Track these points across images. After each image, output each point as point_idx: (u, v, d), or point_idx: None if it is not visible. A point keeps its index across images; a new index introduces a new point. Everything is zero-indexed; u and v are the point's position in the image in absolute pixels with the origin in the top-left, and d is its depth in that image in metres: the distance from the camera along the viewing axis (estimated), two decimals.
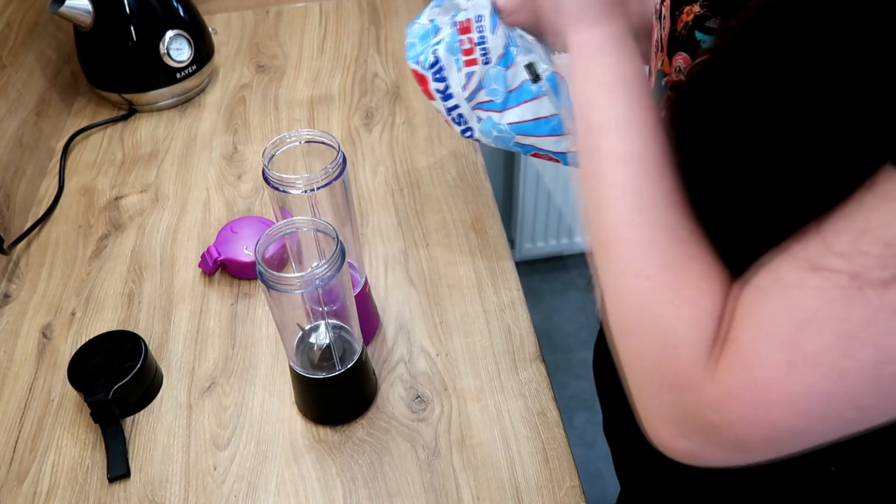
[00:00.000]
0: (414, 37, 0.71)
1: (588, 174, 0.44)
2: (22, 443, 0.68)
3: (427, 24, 0.70)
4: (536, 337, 0.72)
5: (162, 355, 0.74)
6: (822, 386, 0.33)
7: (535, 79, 0.68)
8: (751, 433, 0.35)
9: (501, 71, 0.68)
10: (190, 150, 0.99)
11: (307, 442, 0.66)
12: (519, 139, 0.72)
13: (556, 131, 0.70)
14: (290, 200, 0.59)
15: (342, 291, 0.58)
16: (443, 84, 0.70)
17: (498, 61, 0.68)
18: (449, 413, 0.66)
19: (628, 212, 0.41)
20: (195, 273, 0.82)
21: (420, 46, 0.70)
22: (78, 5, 0.96)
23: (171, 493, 0.63)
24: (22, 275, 0.84)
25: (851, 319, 0.31)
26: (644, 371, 0.41)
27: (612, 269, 0.42)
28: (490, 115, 0.71)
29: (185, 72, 1.04)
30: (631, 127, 0.42)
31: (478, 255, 0.80)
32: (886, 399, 0.32)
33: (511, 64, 0.68)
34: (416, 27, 0.71)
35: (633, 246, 0.41)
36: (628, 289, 0.41)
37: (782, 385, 0.33)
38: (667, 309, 0.39)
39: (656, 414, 0.40)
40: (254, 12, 1.26)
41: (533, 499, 0.60)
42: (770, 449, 0.36)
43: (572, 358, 1.76)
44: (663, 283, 0.39)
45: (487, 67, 0.68)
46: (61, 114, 1.05)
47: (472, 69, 0.68)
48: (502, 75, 0.69)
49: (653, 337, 0.39)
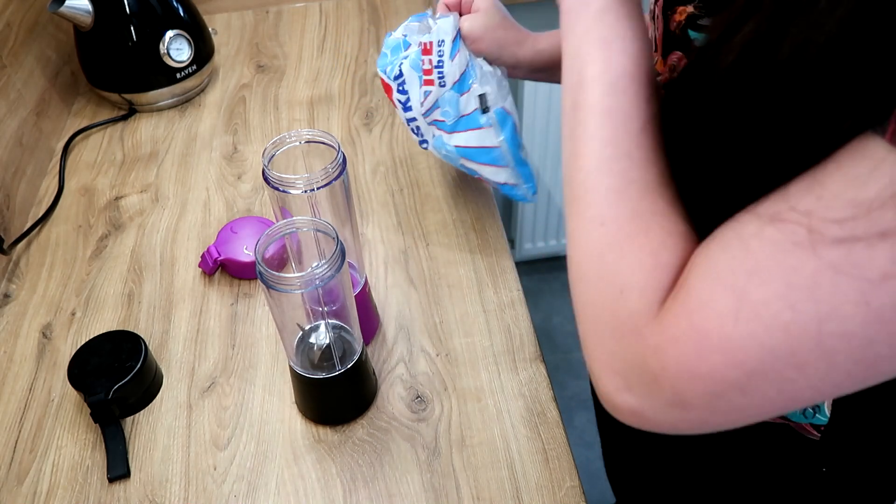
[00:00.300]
0: (387, 47, 0.75)
1: (571, 127, 0.44)
2: (22, 443, 0.68)
3: (399, 38, 0.74)
4: (536, 337, 0.72)
5: (162, 355, 0.74)
6: (763, 338, 0.32)
7: (484, 109, 0.71)
8: (689, 384, 0.35)
9: (455, 96, 0.71)
10: (190, 150, 0.99)
11: (307, 442, 0.66)
12: (464, 162, 0.75)
13: (495, 162, 0.74)
14: (290, 200, 0.59)
15: (342, 291, 0.58)
16: (404, 96, 0.73)
17: (453, 86, 0.71)
18: (449, 413, 0.66)
19: (603, 161, 0.41)
20: (195, 273, 0.82)
21: (390, 57, 0.74)
22: (78, 5, 0.96)
23: (171, 493, 0.63)
24: (22, 275, 0.84)
25: (801, 272, 0.32)
26: (593, 317, 0.40)
27: (577, 214, 0.42)
28: (441, 134, 0.74)
29: (185, 72, 1.04)
30: (620, 83, 0.42)
31: (478, 255, 0.80)
32: (828, 361, 0.32)
33: (466, 91, 0.71)
34: (391, 39, 0.75)
35: (600, 193, 0.41)
36: (588, 234, 0.41)
37: (724, 331, 0.33)
38: (623, 254, 0.39)
39: (602, 364, 0.40)
40: (254, 12, 1.26)
41: (533, 499, 0.60)
42: (709, 406, 0.35)
43: (572, 358, 1.76)
44: (625, 231, 0.39)
45: (443, 90, 0.71)
46: (61, 114, 1.05)
47: (430, 89, 0.72)
48: (455, 100, 0.71)
49: (606, 281, 0.39)
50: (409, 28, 0.75)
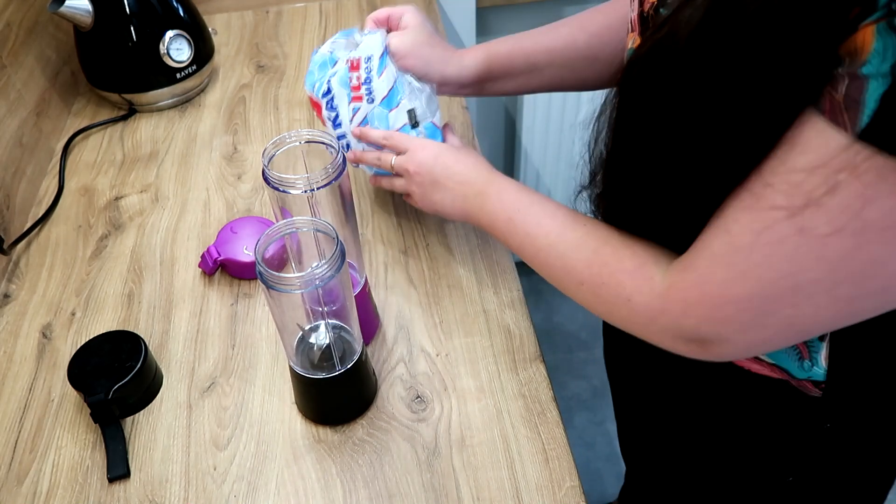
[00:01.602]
0: (314, 65, 0.76)
1: (537, 264, 0.60)
2: (22, 443, 0.68)
3: (326, 55, 0.75)
4: (536, 337, 0.72)
5: (162, 355, 0.74)
6: (757, 289, 0.42)
7: (414, 124, 0.72)
8: (722, 326, 0.46)
9: (384, 112, 0.72)
10: (190, 150, 0.99)
11: (307, 442, 0.66)
12: None
13: None
14: (290, 200, 0.59)
15: (342, 291, 0.58)
16: (333, 113, 0.74)
17: (381, 102, 0.71)
18: (449, 413, 0.66)
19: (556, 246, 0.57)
20: (195, 273, 0.82)
21: (317, 75, 0.75)
22: (78, 5, 0.96)
23: (171, 493, 0.63)
24: (22, 275, 0.84)
25: (776, 240, 0.40)
26: (629, 327, 0.53)
27: (566, 289, 0.58)
28: (371, 150, 0.75)
29: (185, 72, 1.04)
30: (554, 227, 0.58)
31: (478, 255, 0.80)
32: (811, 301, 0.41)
33: (395, 107, 0.72)
34: (318, 56, 0.76)
35: (565, 261, 0.56)
36: (579, 290, 0.56)
37: (729, 292, 0.44)
38: (611, 277, 0.52)
39: (665, 345, 0.51)
40: (254, 12, 1.26)
41: (533, 499, 0.60)
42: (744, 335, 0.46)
43: (572, 358, 1.76)
44: (597, 269, 0.54)
45: (372, 106, 0.72)
46: (61, 114, 1.05)
47: (358, 105, 0.72)
48: (384, 115, 0.72)
49: (613, 304, 0.53)
50: (336, 44, 0.75)
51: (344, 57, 0.73)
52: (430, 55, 0.71)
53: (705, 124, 0.42)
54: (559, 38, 0.70)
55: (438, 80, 0.72)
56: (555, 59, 0.71)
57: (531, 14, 1.44)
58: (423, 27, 0.71)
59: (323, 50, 0.76)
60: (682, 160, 0.45)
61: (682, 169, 0.45)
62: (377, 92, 0.71)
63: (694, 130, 0.42)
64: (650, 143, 0.46)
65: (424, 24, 0.72)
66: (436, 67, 0.71)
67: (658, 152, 0.46)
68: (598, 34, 0.69)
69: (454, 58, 0.72)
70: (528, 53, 0.71)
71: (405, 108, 0.71)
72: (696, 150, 0.43)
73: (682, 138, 0.44)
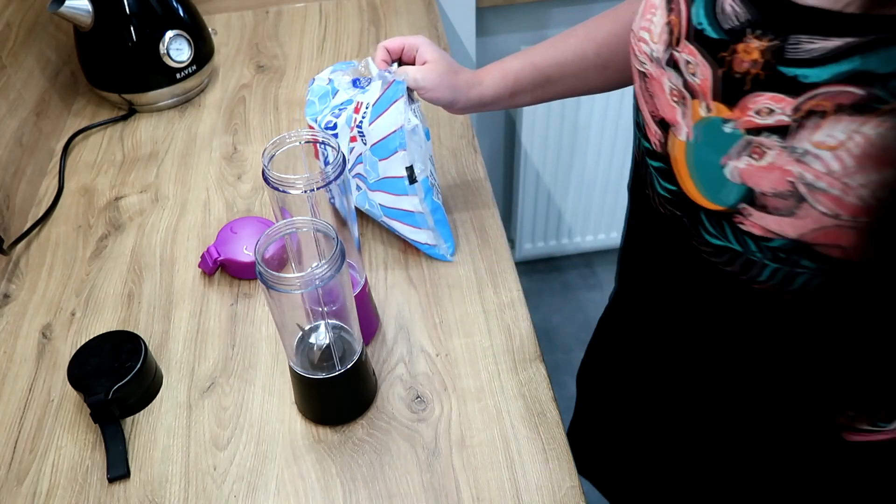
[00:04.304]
0: (314, 95, 0.77)
1: None
2: (22, 443, 0.68)
3: (326, 86, 0.76)
4: (536, 337, 0.72)
5: (162, 355, 0.74)
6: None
7: (411, 181, 0.73)
8: None
9: (374, 159, 0.73)
10: (190, 151, 0.99)
11: (307, 442, 0.66)
12: (385, 219, 0.78)
13: (416, 224, 0.77)
14: (290, 200, 0.59)
15: (342, 291, 0.58)
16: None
17: (372, 147, 0.73)
18: (449, 413, 0.66)
19: None
20: (195, 273, 0.82)
21: (319, 106, 0.76)
22: (78, 5, 0.96)
23: (170, 494, 0.63)
24: (22, 275, 0.84)
25: None
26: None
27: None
28: (365, 190, 0.77)
29: (184, 72, 1.04)
30: None
31: (478, 255, 0.80)
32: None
33: (387, 157, 0.72)
34: (316, 86, 0.77)
35: None
36: None
37: None
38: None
39: None
40: (254, 12, 1.26)
41: (533, 499, 0.60)
42: None
43: (572, 358, 1.76)
44: None
45: (365, 148, 0.73)
46: (61, 114, 1.05)
47: (354, 145, 0.74)
48: (374, 163, 0.74)
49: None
50: (335, 75, 0.76)
51: (346, 88, 0.74)
52: (457, 83, 0.71)
53: None
54: (569, 50, 0.70)
55: (464, 105, 0.73)
56: (566, 71, 0.71)
57: (531, 14, 1.44)
58: (443, 58, 0.72)
59: (321, 78, 0.77)
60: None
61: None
62: (367, 136, 0.72)
63: None
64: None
65: (443, 53, 0.72)
66: (462, 94, 0.72)
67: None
68: (607, 43, 0.69)
69: (474, 80, 0.72)
70: (541, 68, 0.71)
71: (404, 163, 0.72)
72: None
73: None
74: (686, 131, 0.48)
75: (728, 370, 0.60)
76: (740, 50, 0.43)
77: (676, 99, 0.49)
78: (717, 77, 0.45)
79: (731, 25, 0.43)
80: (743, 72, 0.43)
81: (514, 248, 1.84)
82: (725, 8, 0.43)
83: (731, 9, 0.43)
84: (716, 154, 0.46)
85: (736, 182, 0.45)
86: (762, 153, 0.43)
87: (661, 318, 0.64)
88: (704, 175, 0.48)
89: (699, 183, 0.49)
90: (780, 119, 0.41)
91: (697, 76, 0.46)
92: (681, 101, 0.48)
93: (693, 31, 0.46)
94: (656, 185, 0.54)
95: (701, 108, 0.47)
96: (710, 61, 0.45)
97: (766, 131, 0.42)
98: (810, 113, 0.40)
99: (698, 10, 0.45)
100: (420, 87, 0.70)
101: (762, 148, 0.43)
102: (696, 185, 0.49)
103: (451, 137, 0.96)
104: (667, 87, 0.49)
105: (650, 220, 0.58)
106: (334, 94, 0.75)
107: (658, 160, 0.53)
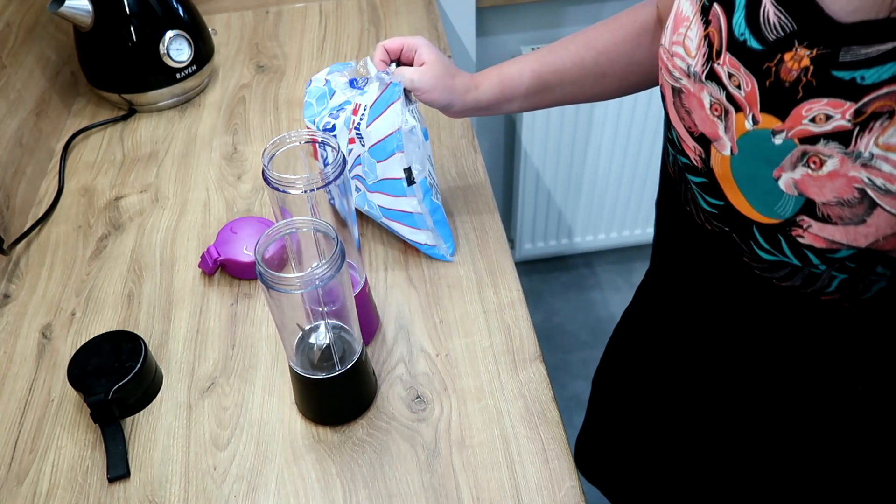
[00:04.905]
0: (311, 97, 0.76)
1: None
2: (22, 443, 0.68)
3: (323, 88, 0.76)
4: (536, 337, 0.72)
5: (162, 355, 0.74)
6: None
7: (409, 182, 0.73)
8: None
9: (373, 161, 0.73)
10: (190, 151, 0.99)
11: (307, 442, 0.66)
12: (385, 220, 0.79)
13: (415, 225, 0.77)
14: (290, 200, 0.59)
15: (342, 291, 0.58)
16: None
17: (370, 149, 0.72)
18: (449, 413, 0.66)
19: None
20: (195, 273, 0.82)
21: (316, 108, 0.76)
22: (78, 5, 0.96)
23: (170, 494, 0.63)
24: (22, 275, 0.84)
25: None
26: None
27: None
28: (364, 192, 0.77)
29: (184, 72, 1.04)
30: None
31: (478, 255, 0.80)
32: None
33: (384, 159, 0.72)
34: (314, 87, 0.77)
35: None
36: None
37: None
38: None
39: None
40: (254, 12, 1.26)
41: (533, 499, 0.60)
42: None
43: (572, 358, 1.76)
44: None
45: (363, 150, 0.73)
46: (61, 114, 1.05)
47: (352, 146, 0.74)
48: (373, 164, 0.73)
49: None
50: (332, 76, 0.76)
51: (343, 89, 0.74)
52: (453, 86, 0.71)
53: None
54: (567, 57, 0.70)
55: (460, 108, 0.72)
56: (564, 78, 0.70)
57: (531, 14, 1.44)
58: (440, 60, 0.71)
59: (318, 79, 0.76)
60: None
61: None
62: (367, 139, 0.72)
63: None
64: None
65: (441, 56, 0.72)
66: (458, 97, 0.71)
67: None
68: (606, 51, 0.68)
69: (471, 84, 0.72)
70: (539, 75, 0.71)
71: (402, 164, 0.72)
72: None
73: None
74: (730, 146, 0.47)
75: (769, 381, 0.58)
76: (787, 59, 0.42)
77: (717, 113, 0.47)
78: (763, 88, 0.43)
79: (777, 36, 0.42)
80: (792, 80, 0.42)
81: (514, 248, 1.84)
82: (770, 18, 0.42)
83: (777, 19, 0.42)
84: (766, 167, 0.45)
85: (792, 194, 0.44)
86: (821, 162, 0.41)
87: (696, 328, 0.63)
88: (755, 189, 0.47)
89: (750, 197, 0.47)
90: (840, 125, 0.40)
91: (742, 88, 0.45)
92: (722, 115, 0.47)
93: (735, 43, 0.44)
94: (700, 201, 0.52)
95: (747, 122, 0.45)
96: (755, 72, 0.44)
97: (825, 139, 0.41)
98: (874, 115, 0.38)
99: (739, 20, 0.44)
100: (416, 88, 0.70)
101: (820, 157, 0.41)
102: (748, 199, 0.48)
103: (451, 137, 0.96)
104: (706, 101, 0.48)
105: (693, 237, 0.56)
106: (332, 96, 0.75)
107: (699, 175, 0.51)
